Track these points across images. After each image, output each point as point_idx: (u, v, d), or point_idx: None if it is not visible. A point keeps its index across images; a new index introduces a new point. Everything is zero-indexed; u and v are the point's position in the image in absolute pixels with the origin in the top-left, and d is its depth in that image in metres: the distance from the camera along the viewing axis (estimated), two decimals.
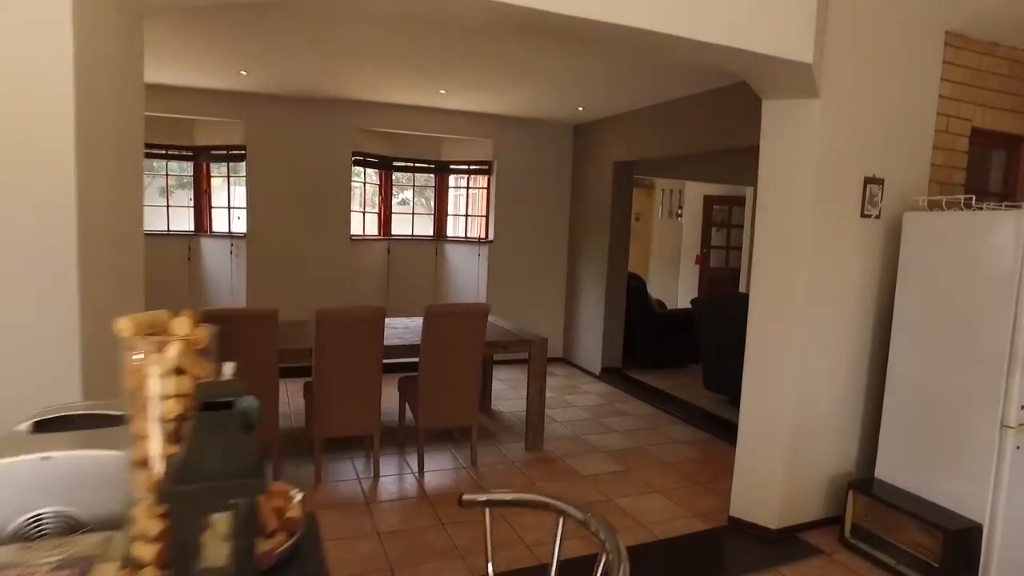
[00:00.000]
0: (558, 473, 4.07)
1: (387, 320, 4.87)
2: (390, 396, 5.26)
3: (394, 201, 7.02)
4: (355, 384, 3.74)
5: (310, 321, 3.77)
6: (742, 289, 8.34)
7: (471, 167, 6.94)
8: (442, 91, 5.46)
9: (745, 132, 4.57)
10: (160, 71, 4.97)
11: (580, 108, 5.97)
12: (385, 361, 3.84)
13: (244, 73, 5.03)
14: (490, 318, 5.04)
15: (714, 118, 4.92)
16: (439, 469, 4.07)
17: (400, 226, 7.06)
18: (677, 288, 10.02)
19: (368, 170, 6.70)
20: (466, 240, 6.98)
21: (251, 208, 6.02)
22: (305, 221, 6.17)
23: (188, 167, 6.29)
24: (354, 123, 6.23)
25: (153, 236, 6.18)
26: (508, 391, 5.89)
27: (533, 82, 4.97)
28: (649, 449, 4.55)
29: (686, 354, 6.89)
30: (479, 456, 4.26)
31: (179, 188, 6.39)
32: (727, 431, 4.80)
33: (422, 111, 6.40)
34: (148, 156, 6.11)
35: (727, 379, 5.38)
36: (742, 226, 9.33)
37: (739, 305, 4.97)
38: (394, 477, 3.93)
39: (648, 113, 5.73)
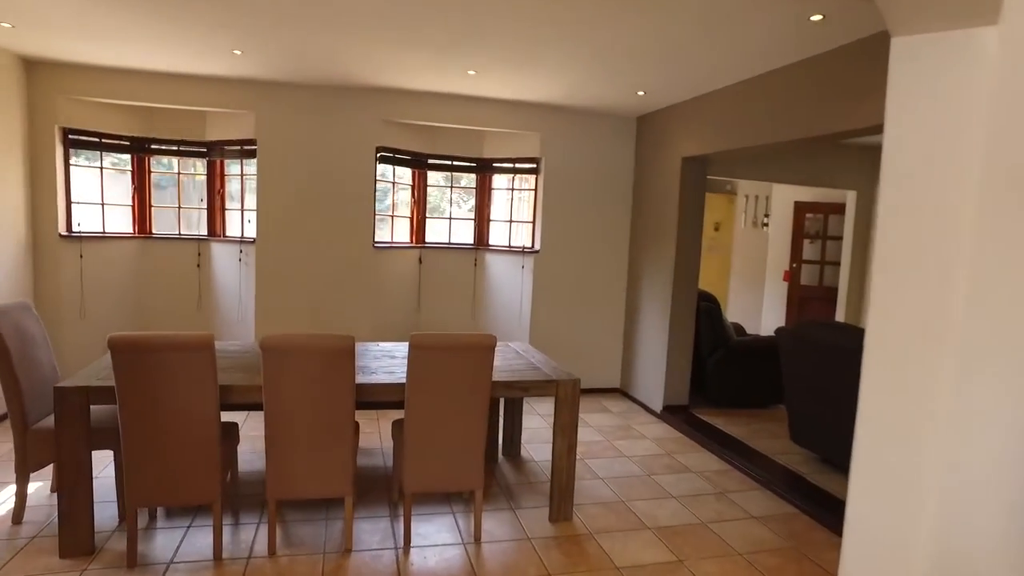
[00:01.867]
0: (585, 560, 3.06)
1: (393, 346, 4.00)
2: (385, 438, 4.45)
3: (428, 204, 6.19)
4: (319, 433, 2.87)
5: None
6: (840, 314, 7.02)
7: (516, 165, 6.02)
8: (471, 71, 4.57)
9: (854, 111, 3.44)
10: (146, 53, 4.32)
11: (641, 92, 4.95)
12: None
13: (239, 53, 4.31)
14: (518, 347, 4.09)
15: (811, 96, 3.79)
16: (431, 544, 3.13)
17: (435, 232, 6.22)
18: (761, 309, 8.74)
19: (398, 168, 5.90)
20: (509, 249, 6.06)
21: (261, 210, 5.32)
22: (322, 225, 5.42)
23: (202, 165, 5.68)
24: (378, 114, 5.44)
25: (164, 240, 5.60)
26: (546, 431, 4.91)
27: (581, 58, 4.00)
28: (713, 528, 3.46)
29: (769, 392, 5.70)
30: (487, 526, 3.31)
31: (192, 187, 5.79)
32: (819, 505, 3.65)
33: (456, 100, 5.55)
34: (159, 153, 5.54)
35: (821, 432, 4.21)
36: (841, 237, 7.97)
37: (842, 340, 3.83)
38: (370, 554, 3.03)
39: (724, 96, 4.64)
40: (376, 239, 5.65)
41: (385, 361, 3.56)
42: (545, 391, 3.29)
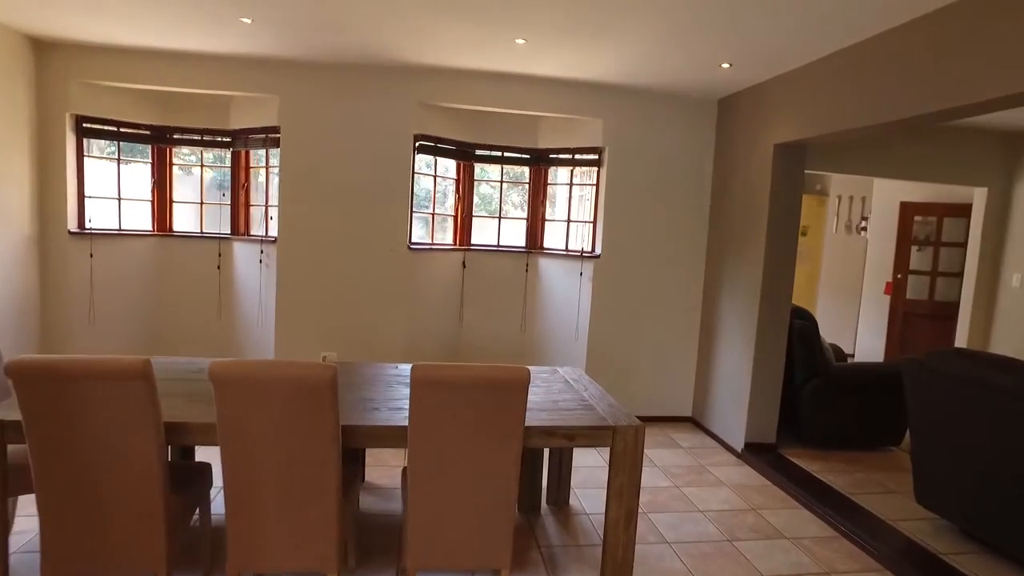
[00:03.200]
0: None
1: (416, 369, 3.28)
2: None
3: (475, 200, 5.48)
4: (292, 490, 2.17)
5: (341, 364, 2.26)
6: (963, 336, 5.89)
7: (575, 156, 5.23)
8: (520, 40, 3.82)
9: (1008, 75, 2.50)
10: (161, 30, 3.78)
11: (726, 65, 4.08)
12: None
13: (248, 21, 3.71)
14: (569, 375, 3.31)
15: (948, 55, 2.86)
16: None
17: (482, 233, 5.50)
18: (856, 327, 7.62)
19: (441, 160, 5.21)
20: (567, 253, 5.27)
21: (284, 206, 4.73)
22: (351, 224, 4.78)
23: (226, 156, 5.15)
24: (416, 97, 4.76)
25: (183, 239, 5.09)
26: (603, 472, 4.10)
27: (655, 21, 3.20)
28: None
29: (878, 432, 4.70)
30: None
31: (215, 183, 5.27)
32: None
33: (506, 80, 4.81)
34: (181, 143, 5.03)
35: (961, 496, 3.24)
36: (958, 244, 6.81)
37: (1001, 378, 2.84)
38: None
39: (832, 64, 3.73)
40: (413, 239, 4.97)
41: (399, 391, 2.84)
42: (598, 440, 2.49)
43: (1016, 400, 2.85)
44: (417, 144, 4.89)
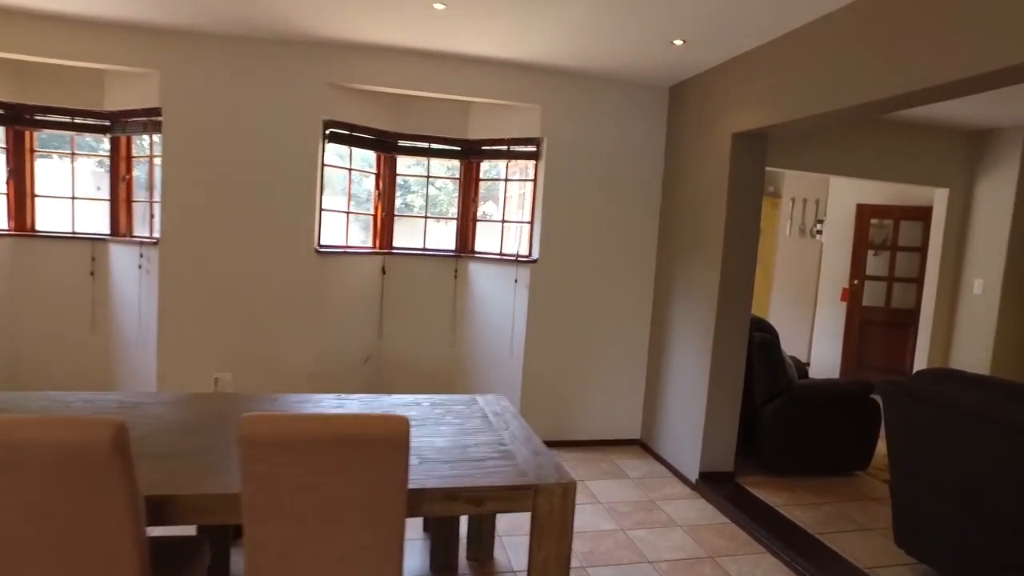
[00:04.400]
0: None
1: (309, 400, 2.63)
2: None
3: (398, 198, 4.84)
4: None
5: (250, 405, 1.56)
6: (924, 347, 5.51)
7: (511, 148, 4.65)
8: (439, 4, 3.21)
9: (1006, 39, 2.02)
10: None
11: (678, 42, 3.56)
12: None
13: None
14: (490, 406, 2.72)
15: (913, 32, 2.38)
16: None
17: (406, 234, 4.87)
18: (811, 336, 7.25)
19: (357, 151, 4.56)
20: (500, 258, 4.68)
21: (167, 202, 4.00)
22: (247, 223, 4.08)
23: (104, 143, 4.39)
24: (325, 76, 4.10)
25: (48, 240, 4.30)
26: None
27: None
28: None
29: (846, 455, 4.24)
30: None
31: (94, 174, 4.50)
32: None
33: (430, 59, 4.20)
34: (43, 125, 4.24)
35: (948, 539, 2.76)
36: (914, 248, 6.49)
37: (1000, 406, 2.38)
38: None
39: (792, 43, 3.24)
40: (321, 241, 4.30)
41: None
42: (514, 503, 1.89)
43: (1002, 423, 2.37)
44: (327, 132, 4.22)
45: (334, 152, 4.40)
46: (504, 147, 4.66)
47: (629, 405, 4.73)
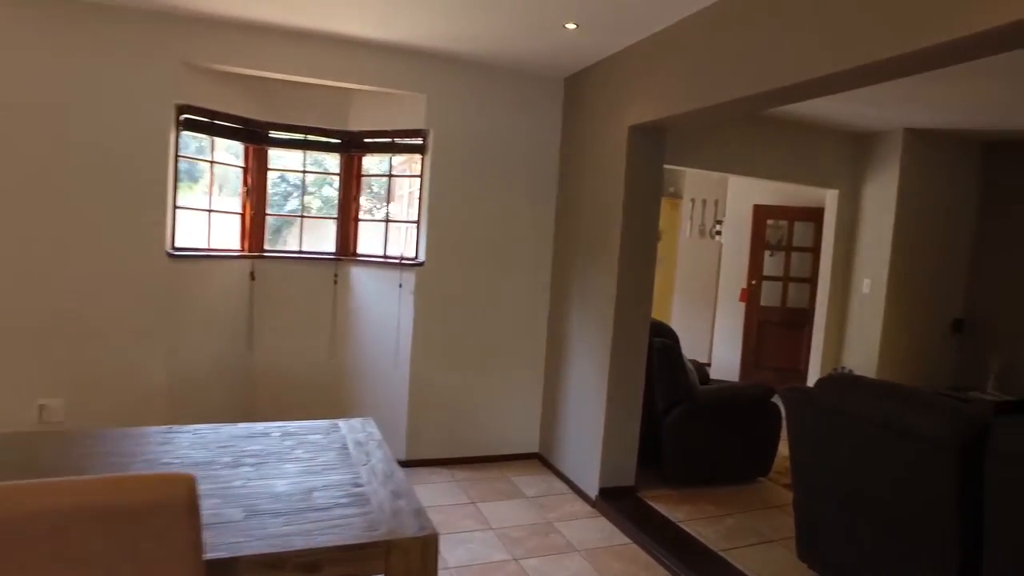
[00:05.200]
0: None
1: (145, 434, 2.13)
2: None
3: (271, 195, 4.34)
4: None
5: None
6: (818, 347, 5.55)
7: (395, 140, 4.26)
8: None
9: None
10: None
11: (571, 26, 3.29)
12: None
13: None
14: (354, 433, 2.34)
15: (814, 16, 2.22)
16: None
17: (280, 235, 4.38)
18: (712, 337, 7.25)
19: (220, 141, 4.03)
20: (384, 260, 4.28)
21: None
22: (83, 220, 3.48)
23: None
24: (178, 54, 3.57)
25: None
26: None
27: None
28: None
29: (749, 461, 4.12)
30: None
31: None
32: None
33: (303, 39, 3.75)
34: None
35: (853, 554, 2.61)
36: (807, 249, 6.59)
37: (908, 415, 2.16)
38: None
39: (689, 29, 3.04)
40: (175, 243, 3.75)
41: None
42: (361, 565, 1.52)
43: (933, 446, 2.23)
44: (182, 118, 3.68)
45: (192, 143, 3.86)
46: (388, 139, 4.26)
47: (526, 418, 4.44)
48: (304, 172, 4.39)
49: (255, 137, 4.12)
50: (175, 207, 3.71)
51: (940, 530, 2.25)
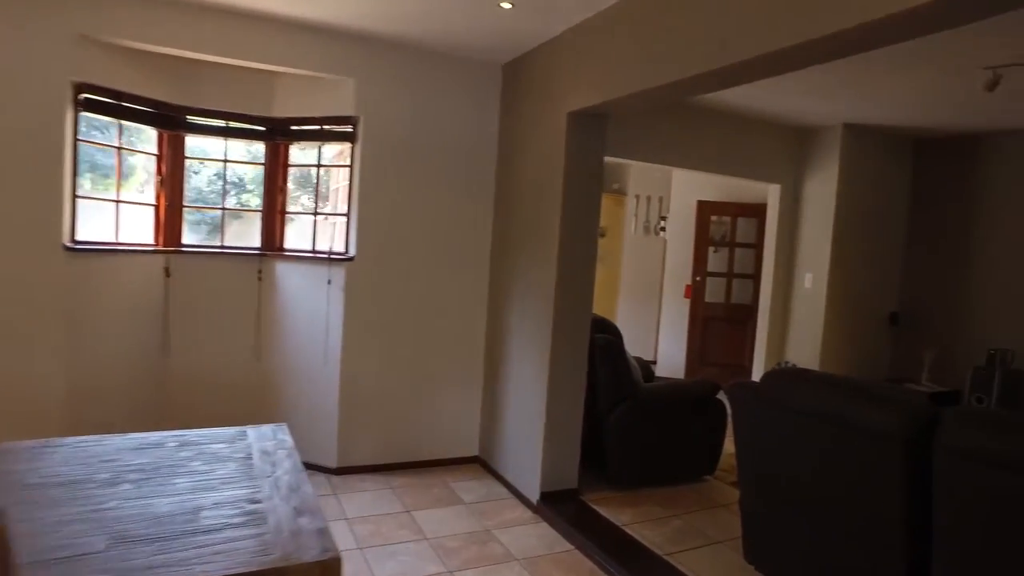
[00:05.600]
0: None
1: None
2: None
3: (188, 186, 4.02)
4: None
5: None
6: (762, 343, 5.53)
7: (324, 128, 4.00)
8: None
9: None
10: None
11: (506, 5, 3.11)
12: None
13: None
14: (264, 445, 2.12)
15: None
16: None
17: (199, 229, 4.07)
18: (657, 334, 7.19)
19: (129, 125, 3.70)
20: (313, 256, 4.02)
21: None
22: None
23: None
24: (74, 25, 3.23)
25: None
26: (358, 556, 2.89)
27: None
28: None
29: (695, 459, 4.02)
30: None
31: None
32: None
33: (221, 14, 3.47)
34: None
35: (803, 557, 2.50)
36: (750, 245, 6.59)
37: (863, 412, 2.02)
38: None
39: (627, 11, 2.90)
40: (75, 236, 3.41)
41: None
42: None
43: (881, 440, 2.13)
44: (81, 98, 3.35)
45: (95, 127, 3.53)
46: (317, 127, 4.00)
47: (466, 420, 4.24)
48: (225, 162, 4.09)
49: (169, 122, 3.80)
50: (74, 196, 3.37)
51: (889, 527, 2.16)
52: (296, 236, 4.16)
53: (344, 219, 3.96)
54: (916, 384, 5.19)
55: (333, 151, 4.14)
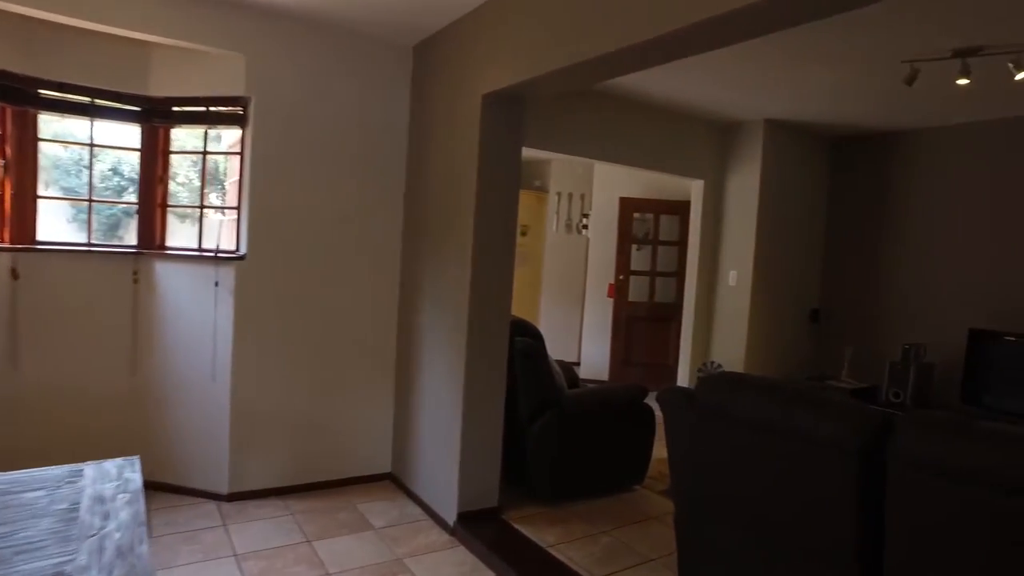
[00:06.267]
0: None
1: None
2: None
3: (42, 173, 3.47)
4: None
5: None
6: (687, 342, 5.39)
7: (210, 109, 3.53)
8: None
9: None
10: None
11: None
12: None
13: None
14: (103, 487, 1.66)
15: None
16: None
17: (59, 223, 3.52)
18: (580, 334, 7.00)
19: None
20: (199, 254, 3.54)
21: None
22: None
23: None
24: None
25: None
26: None
27: None
28: None
29: (623, 468, 3.79)
30: None
31: None
32: None
33: None
34: None
35: (733, 569, 2.29)
36: (672, 242, 6.49)
37: (815, 421, 1.82)
38: None
39: None
40: None
41: None
42: None
43: (829, 449, 1.93)
44: None
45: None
46: (202, 108, 3.53)
47: (377, 433, 3.86)
48: (92, 146, 3.55)
49: (16, 96, 3.24)
50: None
51: (837, 541, 1.96)
52: (189, 235, 3.67)
53: (232, 212, 3.51)
54: (836, 381, 5.18)
55: (232, 138, 3.68)
